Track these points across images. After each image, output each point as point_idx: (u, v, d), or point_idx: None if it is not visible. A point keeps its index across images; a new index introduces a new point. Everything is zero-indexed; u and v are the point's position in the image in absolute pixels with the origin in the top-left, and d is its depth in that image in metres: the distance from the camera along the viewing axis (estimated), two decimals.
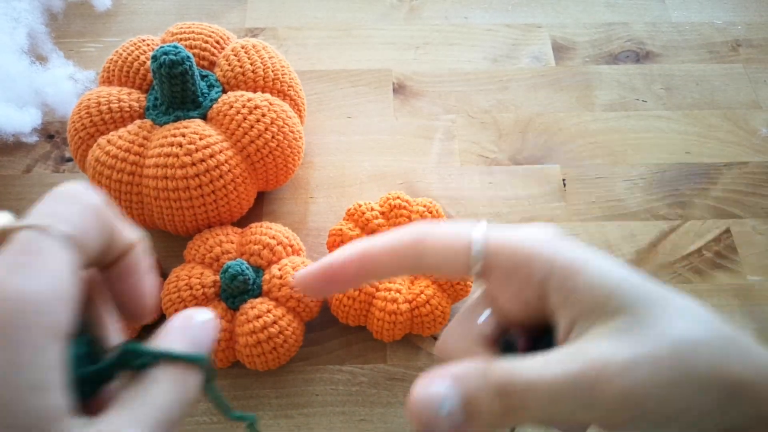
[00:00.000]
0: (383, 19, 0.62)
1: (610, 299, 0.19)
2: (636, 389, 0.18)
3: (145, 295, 0.21)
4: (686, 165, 0.53)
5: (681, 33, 0.61)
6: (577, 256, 0.20)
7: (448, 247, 0.22)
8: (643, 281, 0.20)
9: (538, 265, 0.21)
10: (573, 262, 0.20)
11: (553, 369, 0.18)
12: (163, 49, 0.41)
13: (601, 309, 0.19)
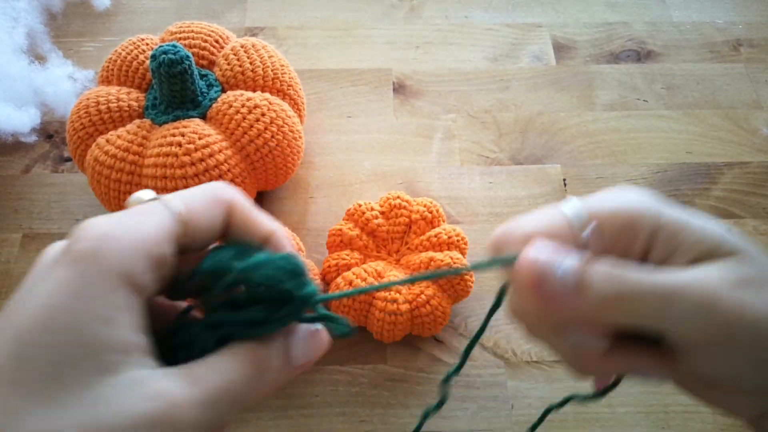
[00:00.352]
0: (383, 18, 0.62)
1: (719, 247, 0.20)
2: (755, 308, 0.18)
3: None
4: (687, 165, 0.53)
5: (682, 32, 0.61)
6: (679, 215, 0.21)
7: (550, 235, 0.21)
8: (740, 236, 0.21)
9: (644, 223, 0.21)
10: (677, 219, 0.21)
11: (675, 277, 0.19)
12: (162, 48, 0.41)
13: (711, 257, 0.20)
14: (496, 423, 0.41)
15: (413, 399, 0.42)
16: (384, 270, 0.42)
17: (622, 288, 0.19)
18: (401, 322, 0.40)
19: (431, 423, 0.41)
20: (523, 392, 0.42)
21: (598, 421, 0.41)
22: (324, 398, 0.42)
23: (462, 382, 0.43)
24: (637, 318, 0.20)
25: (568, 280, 0.20)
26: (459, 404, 0.42)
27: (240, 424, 0.41)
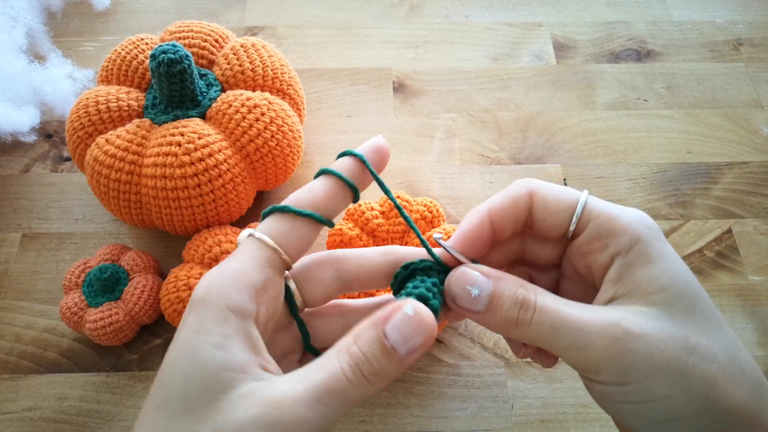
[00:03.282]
0: (383, 17, 0.62)
1: (665, 290, 0.23)
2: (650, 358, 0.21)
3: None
4: (687, 164, 0.53)
5: (682, 32, 0.61)
6: (656, 247, 0.24)
7: (557, 203, 0.25)
8: (699, 296, 0.23)
9: (623, 239, 0.24)
10: (652, 250, 0.23)
11: (583, 314, 0.23)
12: (161, 47, 0.41)
13: (651, 294, 0.23)
14: (496, 423, 0.41)
15: (413, 399, 0.42)
16: None
17: (526, 317, 0.23)
18: None
19: (431, 423, 0.41)
20: (523, 392, 0.42)
21: (598, 421, 0.41)
22: None
23: (462, 382, 0.43)
24: (534, 341, 0.24)
25: (479, 300, 0.24)
26: (459, 404, 0.42)
27: None
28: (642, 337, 0.22)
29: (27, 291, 0.46)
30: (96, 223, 0.49)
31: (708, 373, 0.22)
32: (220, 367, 0.20)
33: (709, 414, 0.22)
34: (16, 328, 0.44)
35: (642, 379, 0.22)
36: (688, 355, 0.22)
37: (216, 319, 0.21)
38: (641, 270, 0.23)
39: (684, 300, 0.23)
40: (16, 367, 0.43)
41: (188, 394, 0.20)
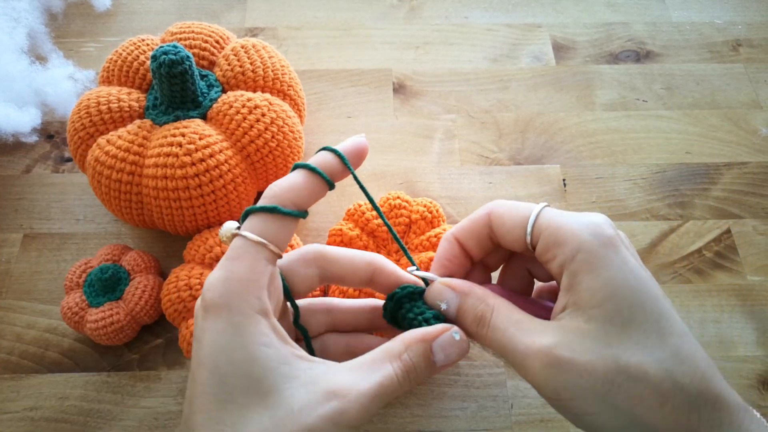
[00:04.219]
0: (383, 18, 0.62)
1: (604, 303, 0.25)
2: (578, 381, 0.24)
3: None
4: (686, 165, 0.53)
5: (681, 33, 0.61)
6: (599, 255, 0.25)
7: (511, 219, 0.28)
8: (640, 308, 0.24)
9: (566, 249, 0.26)
10: (595, 259, 0.25)
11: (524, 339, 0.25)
12: (162, 48, 0.41)
13: (592, 308, 0.25)
14: (496, 422, 0.41)
15: (413, 399, 0.42)
16: None
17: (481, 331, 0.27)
18: None
19: (431, 422, 0.41)
20: (523, 392, 0.42)
21: None
22: None
23: (462, 382, 0.43)
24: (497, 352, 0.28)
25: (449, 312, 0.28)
26: (458, 404, 0.42)
27: None
28: (571, 362, 0.24)
29: (28, 291, 0.46)
30: (97, 223, 0.49)
31: (634, 392, 0.23)
32: (276, 360, 0.24)
33: (633, 428, 0.24)
34: (17, 328, 0.45)
35: (572, 398, 0.24)
36: (616, 375, 0.23)
37: (248, 322, 0.24)
38: (584, 279, 0.25)
39: (622, 314, 0.24)
40: (17, 367, 0.43)
41: (257, 385, 0.23)
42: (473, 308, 0.27)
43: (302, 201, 0.27)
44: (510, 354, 0.26)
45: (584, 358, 0.24)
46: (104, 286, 0.42)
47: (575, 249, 0.25)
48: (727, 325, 0.45)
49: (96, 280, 0.42)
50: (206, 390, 0.24)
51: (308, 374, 0.24)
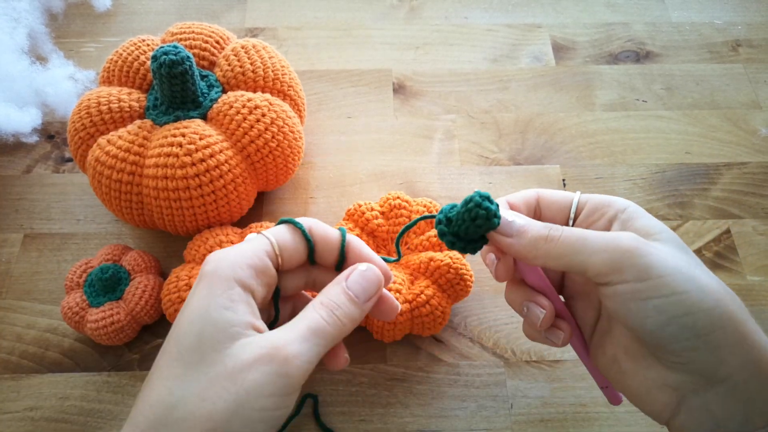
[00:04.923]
0: (383, 18, 0.62)
1: (659, 233, 0.28)
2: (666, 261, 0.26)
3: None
4: (686, 165, 0.53)
5: (681, 33, 0.61)
6: (643, 211, 0.30)
7: (557, 198, 0.32)
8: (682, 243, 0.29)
9: (615, 206, 0.30)
10: (641, 212, 0.30)
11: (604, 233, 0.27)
12: (163, 49, 0.41)
13: (648, 237, 0.28)
14: (496, 422, 0.41)
15: (413, 398, 0.42)
16: None
17: (551, 234, 0.28)
18: (401, 321, 0.40)
19: (431, 422, 0.41)
20: (523, 392, 0.42)
21: (597, 421, 0.41)
22: (324, 398, 0.42)
23: (461, 382, 0.43)
24: (559, 255, 0.28)
25: (513, 226, 0.29)
26: (458, 403, 0.42)
27: None
28: (657, 246, 0.27)
29: (28, 291, 0.46)
30: (97, 223, 0.49)
31: (712, 284, 0.26)
32: (228, 323, 0.25)
33: (718, 311, 0.25)
34: (18, 328, 0.45)
35: (662, 275, 0.25)
36: (694, 267, 0.26)
37: (224, 286, 0.25)
38: (638, 221, 0.29)
39: (676, 242, 0.28)
40: (18, 367, 0.43)
41: (201, 345, 0.24)
42: (539, 229, 0.28)
43: (320, 246, 0.30)
44: (593, 241, 0.27)
45: (665, 248, 0.27)
46: (104, 286, 0.42)
47: (624, 205, 0.30)
48: None
49: (96, 280, 0.42)
50: (165, 348, 0.25)
51: (253, 338, 0.25)
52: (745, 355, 0.25)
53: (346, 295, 0.28)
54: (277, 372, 0.24)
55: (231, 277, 0.26)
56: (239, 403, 0.23)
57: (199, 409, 0.23)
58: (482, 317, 0.45)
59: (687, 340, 0.25)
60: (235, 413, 0.23)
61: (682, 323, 0.25)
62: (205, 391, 0.23)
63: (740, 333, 0.25)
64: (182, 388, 0.24)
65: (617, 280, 0.26)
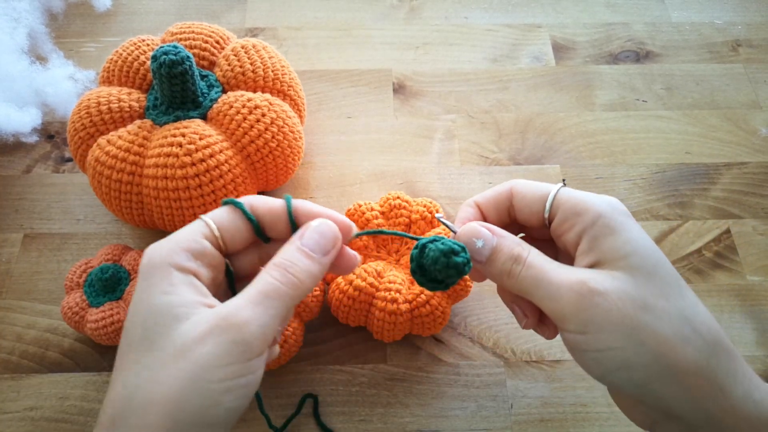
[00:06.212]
0: (383, 18, 0.62)
1: (628, 257, 0.27)
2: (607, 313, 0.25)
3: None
4: (686, 165, 0.53)
5: (681, 33, 0.61)
6: (618, 221, 0.27)
7: (532, 194, 0.30)
8: (660, 264, 0.27)
9: (587, 216, 0.28)
10: (614, 223, 0.27)
11: (559, 272, 0.27)
12: (162, 49, 0.41)
13: (617, 261, 0.27)
14: (496, 422, 0.41)
15: (413, 398, 0.42)
16: (384, 270, 0.42)
17: (516, 269, 0.28)
18: (401, 322, 0.40)
19: (430, 422, 0.41)
20: (523, 392, 0.42)
21: (597, 421, 0.41)
22: (324, 398, 0.42)
23: (461, 382, 0.43)
24: (520, 291, 0.28)
25: (482, 251, 0.29)
26: (458, 403, 0.42)
27: (240, 423, 0.41)
28: (603, 294, 0.26)
29: (28, 291, 0.46)
30: (97, 223, 0.49)
31: (659, 331, 0.25)
32: (170, 306, 0.24)
33: (656, 366, 0.25)
34: (18, 328, 0.45)
35: (599, 331, 0.26)
36: (643, 313, 0.25)
37: (161, 274, 0.25)
38: (606, 240, 0.27)
39: (645, 266, 0.26)
40: (18, 367, 0.43)
41: (147, 333, 0.24)
42: (510, 249, 0.28)
43: (266, 219, 0.29)
44: (544, 286, 0.27)
45: (615, 294, 0.26)
46: (104, 286, 0.42)
47: (595, 216, 0.28)
48: (726, 325, 0.45)
49: (96, 280, 0.42)
50: (119, 346, 0.25)
51: (202, 313, 0.24)
52: (694, 405, 0.25)
53: (301, 252, 0.27)
54: (231, 340, 0.23)
55: (166, 263, 0.25)
56: (194, 379, 0.23)
57: (154, 393, 0.23)
58: (482, 317, 0.45)
59: (629, 389, 0.26)
60: (192, 389, 0.23)
61: (619, 376, 0.26)
62: (157, 375, 0.23)
63: (687, 384, 0.25)
64: (136, 377, 0.23)
65: (562, 327, 0.27)
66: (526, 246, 0.29)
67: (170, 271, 0.25)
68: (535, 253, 0.28)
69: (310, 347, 0.44)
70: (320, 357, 0.44)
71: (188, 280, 0.25)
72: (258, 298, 0.25)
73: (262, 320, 0.24)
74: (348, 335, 0.45)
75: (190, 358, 0.23)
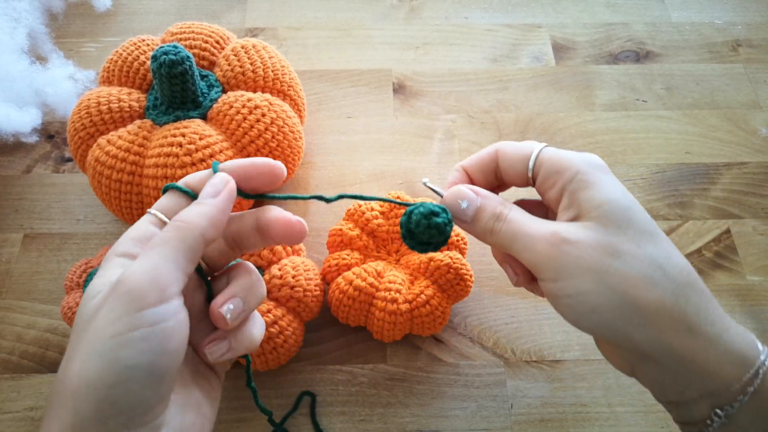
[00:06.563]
0: (383, 19, 0.62)
1: (602, 206, 0.28)
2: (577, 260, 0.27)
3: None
4: (686, 165, 0.53)
5: (681, 33, 0.61)
6: (594, 175, 0.29)
7: (516, 155, 0.31)
8: (633, 213, 0.28)
9: (566, 173, 0.29)
10: (590, 177, 0.29)
11: (535, 225, 0.29)
12: (162, 48, 0.41)
13: (591, 211, 0.28)
14: (495, 422, 0.41)
15: (413, 398, 0.42)
16: (384, 270, 0.42)
17: (498, 226, 0.30)
18: (401, 322, 0.40)
19: (430, 422, 0.41)
20: (523, 392, 0.42)
21: (597, 421, 0.41)
22: (324, 397, 0.42)
23: (462, 382, 0.43)
24: (501, 246, 0.30)
25: (467, 211, 0.30)
26: (458, 403, 0.42)
27: (240, 423, 0.41)
28: (574, 243, 0.27)
29: (28, 291, 0.46)
30: (97, 223, 0.49)
31: (627, 274, 0.26)
32: (93, 287, 0.24)
33: (625, 307, 0.26)
34: (18, 328, 0.45)
35: (570, 277, 0.27)
36: (612, 259, 0.27)
37: (105, 265, 0.25)
38: (582, 194, 0.29)
39: (617, 215, 0.28)
40: (18, 367, 0.43)
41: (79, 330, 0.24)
42: (492, 207, 0.30)
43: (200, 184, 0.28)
44: (521, 239, 0.29)
45: (585, 242, 0.27)
46: None
47: (573, 173, 0.29)
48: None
49: None
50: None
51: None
52: (662, 344, 0.26)
53: (193, 203, 0.27)
54: (117, 294, 0.23)
55: (112, 254, 0.26)
56: (91, 342, 0.23)
57: (67, 371, 0.23)
58: (482, 317, 0.45)
59: (601, 331, 0.28)
60: (90, 353, 0.22)
61: (591, 319, 0.27)
62: (69, 354, 0.23)
63: (655, 324, 0.26)
64: (61, 369, 0.24)
65: (538, 277, 0.29)
66: (508, 205, 0.30)
67: (112, 259, 0.25)
68: (516, 210, 0.30)
69: (310, 347, 0.44)
70: (320, 357, 0.44)
71: (122, 262, 0.25)
72: (146, 251, 0.25)
73: (146, 267, 0.24)
74: (348, 335, 0.45)
75: (89, 326, 0.23)
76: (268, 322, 0.39)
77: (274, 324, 0.39)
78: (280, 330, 0.39)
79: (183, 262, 0.25)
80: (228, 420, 0.41)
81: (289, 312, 0.40)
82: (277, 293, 0.40)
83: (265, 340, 0.39)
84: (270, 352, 0.39)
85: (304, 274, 0.41)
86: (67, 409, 0.22)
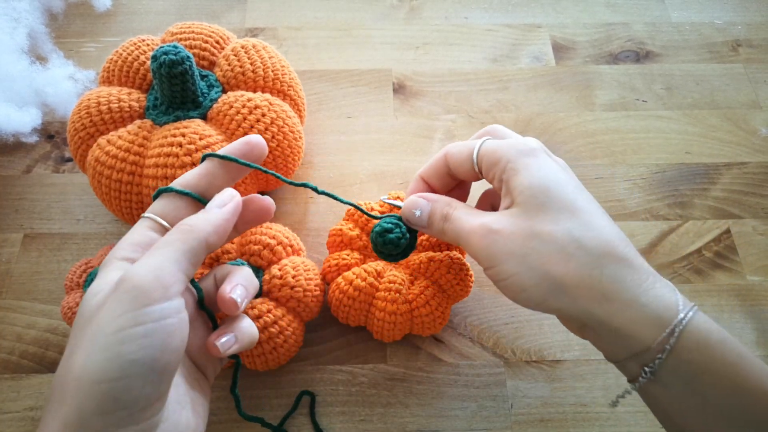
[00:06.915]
0: (383, 18, 0.62)
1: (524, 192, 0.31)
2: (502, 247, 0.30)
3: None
4: (686, 165, 0.53)
5: (681, 33, 0.61)
6: (521, 162, 0.31)
7: (461, 155, 0.34)
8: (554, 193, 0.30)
9: (500, 165, 0.32)
10: (518, 165, 0.31)
11: (471, 220, 0.32)
12: (162, 48, 0.41)
13: (516, 197, 0.31)
14: (495, 422, 0.41)
15: (413, 398, 0.42)
16: (384, 270, 0.42)
17: (446, 226, 0.33)
18: (401, 322, 0.40)
19: (431, 422, 0.41)
20: (523, 392, 0.42)
21: (598, 421, 0.41)
22: (324, 397, 0.42)
23: (461, 382, 0.43)
24: (453, 242, 0.34)
25: (421, 218, 0.35)
26: (458, 403, 0.42)
27: (240, 423, 0.41)
28: (499, 232, 0.30)
29: (28, 291, 0.46)
30: (97, 223, 0.49)
31: (544, 253, 0.29)
32: (96, 292, 0.25)
33: (546, 284, 0.29)
34: (18, 328, 0.45)
35: (500, 263, 0.30)
36: (531, 241, 0.29)
37: (106, 268, 0.26)
38: (511, 182, 0.31)
39: (537, 198, 0.30)
40: (18, 367, 0.43)
41: (81, 326, 0.24)
42: (440, 210, 0.33)
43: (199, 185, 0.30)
44: (463, 235, 0.32)
45: (508, 229, 0.30)
46: None
47: (505, 162, 0.32)
48: (726, 325, 0.45)
49: None
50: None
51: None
52: (584, 312, 0.29)
53: (200, 211, 0.28)
54: (122, 290, 0.24)
55: (112, 259, 0.27)
56: (94, 336, 0.23)
57: (70, 365, 0.23)
58: (482, 317, 0.45)
59: (535, 306, 0.30)
60: (92, 348, 0.23)
61: (523, 297, 0.30)
62: (72, 349, 0.24)
63: (573, 294, 0.29)
64: (61, 363, 0.24)
65: (481, 265, 0.32)
66: (453, 204, 0.33)
67: (113, 262, 0.26)
68: (460, 209, 0.33)
69: (310, 347, 0.44)
70: (320, 357, 0.44)
71: (123, 265, 0.26)
72: (150, 251, 0.26)
73: (152, 265, 0.25)
74: (348, 335, 0.45)
75: (91, 322, 0.24)
76: (268, 322, 0.39)
77: (274, 324, 0.39)
78: (280, 330, 0.39)
79: (186, 264, 0.26)
80: (228, 420, 0.41)
81: (289, 312, 0.40)
82: (277, 293, 0.40)
83: (265, 340, 0.39)
84: (270, 352, 0.39)
85: (304, 274, 0.41)
86: (69, 404, 0.23)
